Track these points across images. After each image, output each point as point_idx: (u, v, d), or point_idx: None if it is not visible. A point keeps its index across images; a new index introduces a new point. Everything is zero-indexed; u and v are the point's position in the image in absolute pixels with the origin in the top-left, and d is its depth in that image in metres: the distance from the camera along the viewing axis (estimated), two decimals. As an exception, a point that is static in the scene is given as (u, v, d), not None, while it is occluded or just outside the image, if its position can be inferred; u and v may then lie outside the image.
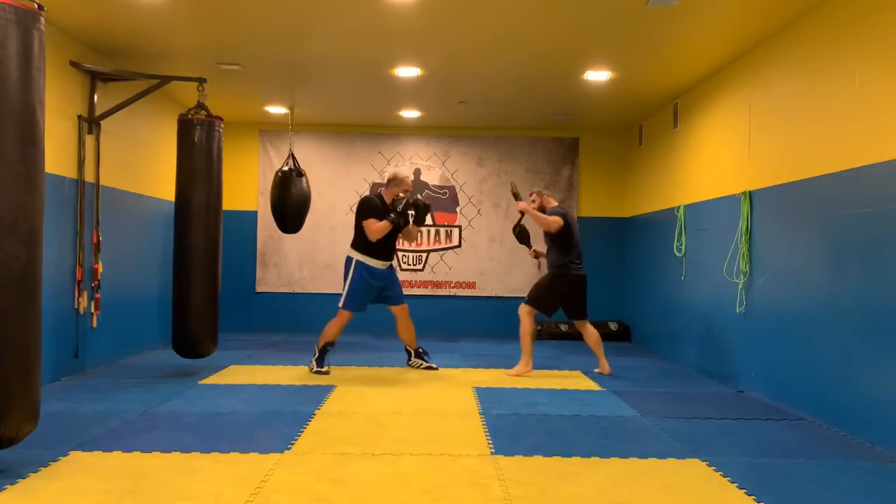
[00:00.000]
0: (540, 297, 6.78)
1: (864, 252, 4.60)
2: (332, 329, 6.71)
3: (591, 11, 5.53)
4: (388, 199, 6.74)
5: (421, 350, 7.04)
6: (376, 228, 6.51)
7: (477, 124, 9.99)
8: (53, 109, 5.76)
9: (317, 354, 6.68)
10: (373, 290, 6.71)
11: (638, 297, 9.48)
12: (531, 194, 7.12)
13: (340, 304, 6.69)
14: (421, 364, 6.97)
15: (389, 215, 6.54)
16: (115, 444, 4.12)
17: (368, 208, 6.64)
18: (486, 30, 6.01)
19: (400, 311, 6.91)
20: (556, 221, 6.64)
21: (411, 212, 6.73)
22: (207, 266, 6.30)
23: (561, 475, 3.69)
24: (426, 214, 6.88)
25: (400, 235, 6.82)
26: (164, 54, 6.82)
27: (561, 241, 6.71)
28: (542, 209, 6.93)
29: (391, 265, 6.84)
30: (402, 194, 6.71)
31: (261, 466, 3.74)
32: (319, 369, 6.59)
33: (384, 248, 6.68)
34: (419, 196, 7.02)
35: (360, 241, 6.65)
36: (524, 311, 6.80)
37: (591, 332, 6.92)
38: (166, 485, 3.45)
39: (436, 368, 6.91)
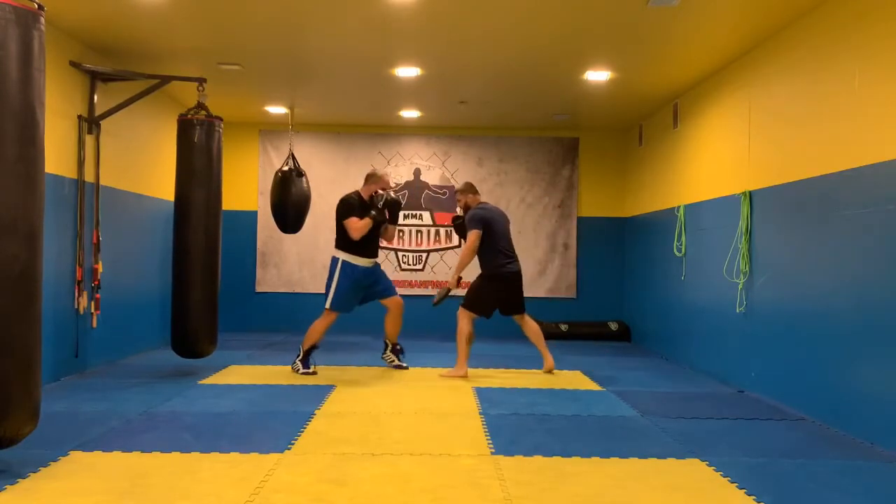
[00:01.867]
0: (475, 301, 6.66)
1: (864, 252, 4.60)
2: (317, 330, 6.62)
3: (591, 11, 5.53)
4: (365, 196, 6.70)
5: (398, 347, 7.02)
6: (358, 227, 6.46)
7: (477, 124, 9.99)
8: (53, 109, 5.76)
9: (301, 356, 6.61)
10: (360, 289, 6.67)
11: (638, 297, 9.48)
12: (455, 193, 7.06)
13: (327, 305, 6.60)
14: (392, 360, 6.96)
15: (370, 212, 6.52)
16: (115, 444, 4.12)
17: (348, 207, 6.59)
18: (486, 30, 6.01)
19: (393, 303, 6.86)
20: (470, 251, 6.57)
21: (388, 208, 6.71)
22: (207, 266, 6.29)
23: (561, 475, 3.69)
24: (399, 211, 6.87)
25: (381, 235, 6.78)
26: (164, 54, 6.82)
27: (483, 244, 6.62)
28: (467, 208, 6.86)
29: (376, 262, 6.80)
30: (380, 191, 6.69)
31: (261, 466, 3.74)
32: (306, 370, 6.54)
33: (369, 246, 6.64)
34: (391, 192, 7.00)
35: (344, 241, 6.60)
36: (461, 314, 6.66)
37: (531, 326, 6.80)
38: (166, 485, 3.45)
39: (405, 368, 6.89)
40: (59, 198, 6.08)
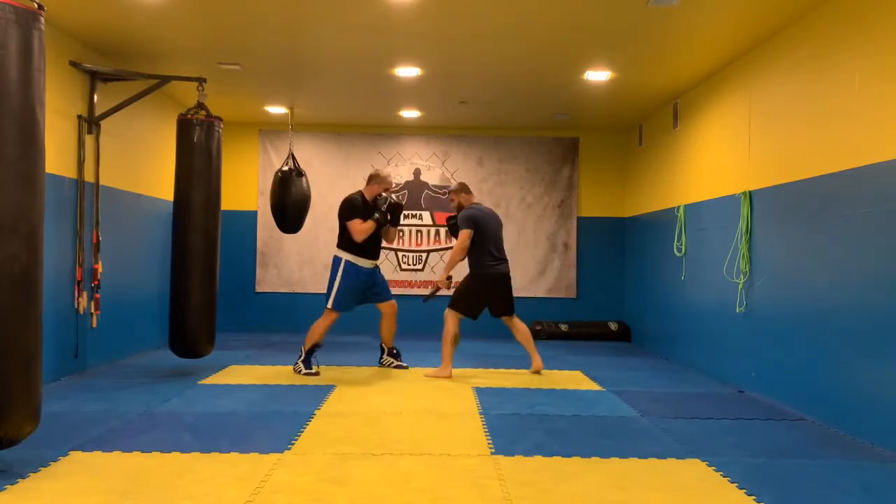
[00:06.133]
0: (462, 301, 6.65)
1: (864, 252, 4.60)
2: (319, 329, 6.62)
3: (591, 11, 5.53)
4: (369, 196, 6.70)
5: (395, 350, 7.04)
6: (362, 230, 6.48)
7: (477, 124, 9.99)
8: (53, 109, 5.76)
9: (303, 356, 6.60)
10: (360, 289, 6.67)
11: (638, 297, 9.48)
12: (447, 194, 7.07)
13: (329, 305, 6.61)
14: (392, 363, 6.98)
15: (374, 215, 6.53)
16: (115, 444, 4.12)
17: (351, 208, 6.59)
18: (486, 30, 6.01)
19: (388, 308, 6.87)
20: (460, 251, 6.57)
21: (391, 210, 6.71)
22: (206, 266, 6.29)
23: (561, 475, 3.69)
24: (400, 214, 6.87)
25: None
26: (164, 54, 6.82)
27: (474, 244, 6.61)
28: (460, 207, 6.84)
29: (376, 264, 6.80)
30: (384, 193, 6.71)
31: (261, 466, 3.74)
32: (308, 371, 6.53)
33: (371, 248, 6.66)
34: (393, 195, 7.00)
35: (347, 242, 6.61)
36: (448, 314, 6.65)
37: (520, 328, 6.81)
38: (166, 485, 3.45)
39: (406, 367, 6.92)
40: (59, 198, 6.08)
